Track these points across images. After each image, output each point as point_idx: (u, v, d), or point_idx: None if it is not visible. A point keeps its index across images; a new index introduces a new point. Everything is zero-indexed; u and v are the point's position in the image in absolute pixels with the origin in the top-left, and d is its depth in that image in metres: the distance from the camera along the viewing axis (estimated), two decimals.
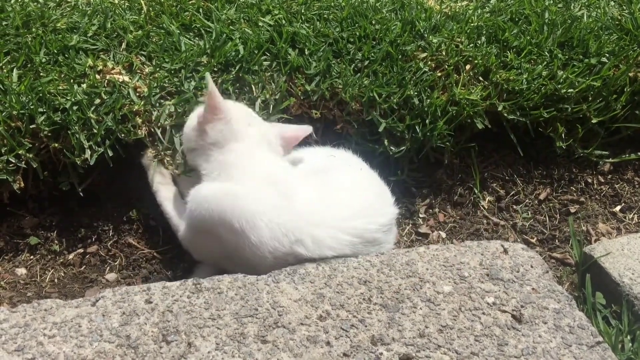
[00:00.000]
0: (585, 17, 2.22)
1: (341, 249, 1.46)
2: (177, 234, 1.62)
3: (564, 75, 1.94)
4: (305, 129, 1.68)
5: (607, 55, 2.04)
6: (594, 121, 1.98)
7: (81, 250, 1.73)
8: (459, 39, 2.02)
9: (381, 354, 1.22)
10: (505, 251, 1.50)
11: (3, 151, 1.58)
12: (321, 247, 1.44)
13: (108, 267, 1.70)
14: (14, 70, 1.70)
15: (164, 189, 1.70)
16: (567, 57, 2.03)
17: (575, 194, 2.03)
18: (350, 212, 1.50)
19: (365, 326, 1.28)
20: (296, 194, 1.49)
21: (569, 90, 1.93)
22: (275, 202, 1.45)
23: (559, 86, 1.93)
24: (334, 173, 1.63)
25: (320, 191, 1.54)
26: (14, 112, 1.60)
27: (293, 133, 1.66)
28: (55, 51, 1.79)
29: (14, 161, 1.59)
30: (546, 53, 2.02)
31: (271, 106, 1.79)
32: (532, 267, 1.45)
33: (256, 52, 1.86)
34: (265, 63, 1.86)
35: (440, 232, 1.89)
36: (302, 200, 1.48)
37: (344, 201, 1.53)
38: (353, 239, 1.48)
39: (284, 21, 1.99)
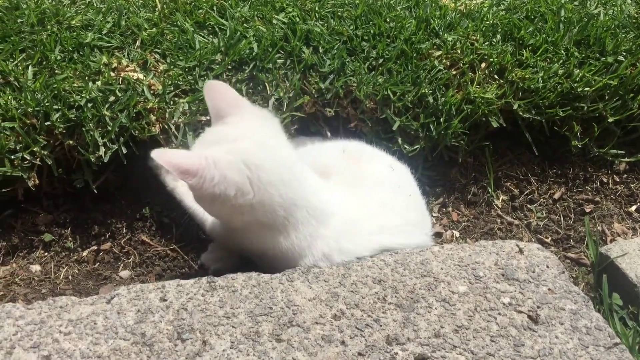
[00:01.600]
0: (601, 15, 2.20)
1: (366, 254, 1.48)
2: (204, 225, 1.65)
3: (580, 74, 1.92)
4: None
5: (624, 53, 2.01)
6: (610, 120, 1.96)
7: (95, 248, 1.73)
8: (474, 37, 2.01)
9: (396, 353, 1.21)
10: (521, 251, 1.49)
11: (18, 148, 1.59)
12: (347, 256, 1.47)
13: (122, 265, 1.70)
14: (29, 67, 1.71)
15: (180, 185, 1.69)
16: (583, 55, 2.01)
17: (590, 194, 2.02)
18: (382, 226, 1.51)
19: (380, 326, 1.27)
20: (335, 209, 1.48)
21: (585, 89, 1.92)
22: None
23: (575, 85, 1.91)
24: (385, 187, 1.61)
25: (363, 199, 1.54)
26: (29, 109, 1.60)
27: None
28: (70, 48, 1.79)
29: (28, 158, 1.59)
30: (562, 51, 2.00)
31: (285, 104, 1.78)
32: (547, 267, 1.44)
33: (270, 50, 1.86)
34: (280, 61, 1.86)
35: (453, 231, 1.88)
36: (341, 215, 1.48)
37: (382, 215, 1.53)
38: (377, 248, 1.50)
39: (297, 19, 1.99)
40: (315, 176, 1.52)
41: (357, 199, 1.53)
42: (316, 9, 2.07)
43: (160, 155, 1.27)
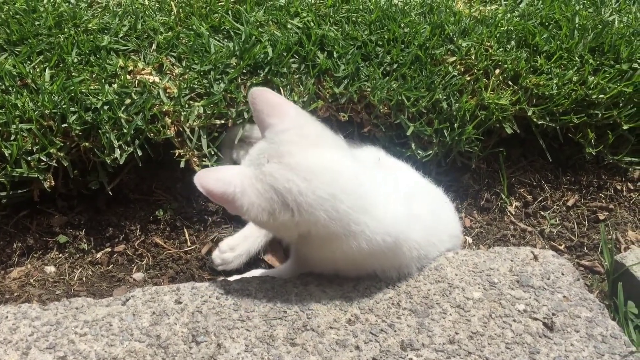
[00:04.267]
0: (616, 22, 2.19)
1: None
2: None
3: (595, 81, 1.92)
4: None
5: (639, 61, 2.01)
6: (624, 127, 1.95)
7: (109, 249, 1.74)
8: (488, 43, 2.00)
9: (411, 359, 1.21)
10: (535, 258, 1.48)
11: (35, 149, 1.60)
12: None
13: (135, 267, 1.71)
14: (47, 69, 1.72)
15: None
16: (598, 62, 2.00)
17: (604, 201, 2.01)
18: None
19: (395, 331, 1.27)
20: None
21: (600, 96, 1.91)
22: None
23: (590, 92, 1.90)
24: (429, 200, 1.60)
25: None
26: (46, 111, 1.62)
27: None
28: (87, 51, 1.80)
29: (45, 160, 1.60)
30: (577, 58, 2.00)
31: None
32: (563, 274, 1.44)
33: (285, 54, 1.86)
34: (294, 65, 1.86)
35: (466, 237, 1.88)
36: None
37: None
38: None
39: (312, 24, 1.99)
40: (381, 177, 1.40)
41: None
42: (331, 14, 2.07)
43: (198, 180, 1.24)
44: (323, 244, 1.31)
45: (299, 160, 1.28)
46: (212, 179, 1.26)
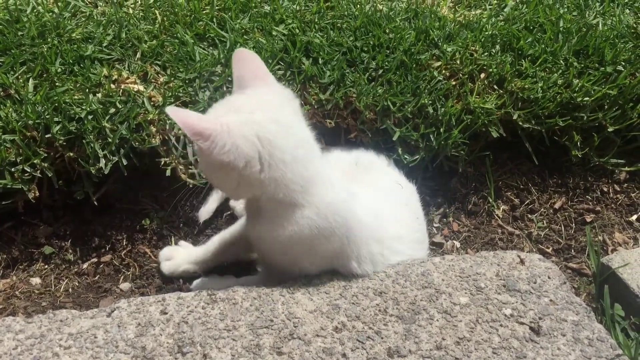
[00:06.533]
0: (600, 25, 2.20)
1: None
2: None
3: (580, 84, 1.93)
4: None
5: (623, 63, 2.02)
6: (609, 129, 1.96)
7: (95, 260, 1.73)
8: (473, 48, 2.01)
9: None
10: (522, 262, 1.49)
11: (18, 160, 1.59)
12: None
13: (122, 277, 1.70)
14: (30, 80, 1.71)
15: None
16: (582, 65, 2.01)
17: (590, 203, 2.01)
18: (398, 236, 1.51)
19: (382, 338, 1.27)
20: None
21: (585, 99, 1.92)
22: None
23: (575, 94, 1.91)
24: (391, 202, 1.59)
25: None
26: (30, 122, 1.61)
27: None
28: (71, 61, 1.79)
29: (29, 170, 1.59)
30: (561, 61, 2.01)
31: None
32: (549, 278, 1.44)
33: (270, 61, 1.86)
34: (280, 72, 1.86)
35: (454, 241, 1.88)
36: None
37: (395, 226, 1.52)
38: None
39: (297, 30, 1.99)
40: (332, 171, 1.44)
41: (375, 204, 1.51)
42: (316, 20, 2.07)
43: (175, 114, 1.21)
44: (275, 216, 1.34)
45: (286, 121, 1.33)
46: (192, 115, 1.24)
